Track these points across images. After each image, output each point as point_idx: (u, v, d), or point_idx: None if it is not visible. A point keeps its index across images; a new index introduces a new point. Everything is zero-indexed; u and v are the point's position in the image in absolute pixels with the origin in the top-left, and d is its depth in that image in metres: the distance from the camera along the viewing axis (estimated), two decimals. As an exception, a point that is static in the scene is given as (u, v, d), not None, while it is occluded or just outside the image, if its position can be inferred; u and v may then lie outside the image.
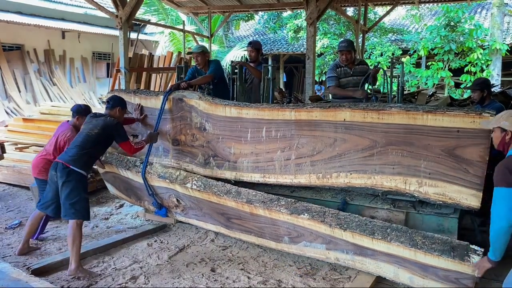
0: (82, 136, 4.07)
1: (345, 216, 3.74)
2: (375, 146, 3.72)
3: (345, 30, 15.43)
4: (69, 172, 3.87)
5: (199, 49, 5.37)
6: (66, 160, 3.91)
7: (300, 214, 3.85)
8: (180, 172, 4.66)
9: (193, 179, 4.52)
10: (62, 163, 3.90)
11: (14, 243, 4.47)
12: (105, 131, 4.10)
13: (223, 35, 18.61)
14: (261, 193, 4.14)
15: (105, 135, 4.12)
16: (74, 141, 4.10)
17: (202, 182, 4.45)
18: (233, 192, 4.24)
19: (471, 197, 3.43)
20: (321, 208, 3.85)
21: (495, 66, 13.36)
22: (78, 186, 3.90)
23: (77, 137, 4.13)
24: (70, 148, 4.06)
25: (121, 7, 7.01)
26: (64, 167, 3.88)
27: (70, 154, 3.96)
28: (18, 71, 12.41)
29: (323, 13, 7.31)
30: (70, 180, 3.87)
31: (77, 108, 4.85)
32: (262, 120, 4.17)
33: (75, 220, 3.83)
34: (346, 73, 5.14)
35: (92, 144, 4.04)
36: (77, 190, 3.88)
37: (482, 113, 3.38)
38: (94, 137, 4.04)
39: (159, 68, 10.03)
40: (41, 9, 13.27)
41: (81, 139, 4.04)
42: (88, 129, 4.09)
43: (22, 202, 5.96)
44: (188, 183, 4.50)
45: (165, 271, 3.91)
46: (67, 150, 4.09)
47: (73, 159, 3.92)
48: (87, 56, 15.06)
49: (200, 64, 5.38)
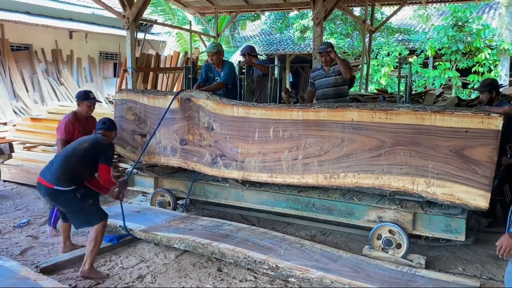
0: (69, 149, 3.74)
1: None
2: (383, 146, 3.71)
3: (352, 30, 15.39)
4: (56, 193, 3.57)
5: (215, 48, 5.38)
6: (49, 180, 3.57)
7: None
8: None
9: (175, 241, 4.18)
10: (45, 185, 3.57)
11: (22, 242, 4.50)
12: (94, 148, 3.72)
13: (230, 35, 18.61)
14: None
15: (93, 153, 3.70)
16: (59, 154, 3.81)
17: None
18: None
19: (479, 198, 3.42)
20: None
21: (503, 66, 13.26)
22: (75, 201, 3.62)
23: (64, 149, 3.84)
24: (53, 161, 3.70)
25: (128, 7, 7.02)
26: (50, 190, 3.57)
27: (52, 172, 3.60)
28: (26, 71, 12.49)
29: (330, 13, 7.29)
30: (65, 201, 3.62)
31: (77, 94, 4.66)
32: (270, 120, 4.17)
33: (96, 225, 3.67)
34: (320, 75, 5.35)
35: (76, 159, 3.64)
36: (78, 205, 3.64)
37: (490, 113, 3.37)
38: (81, 152, 3.67)
39: (166, 68, 10.05)
40: (49, 9, 13.34)
41: (67, 152, 3.70)
42: (77, 143, 3.77)
43: (30, 201, 6.00)
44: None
45: (172, 270, 3.92)
46: (49, 165, 3.71)
47: (56, 177, 3.56)
48: (94, 56, 15.13)
49: (215, 63, 5.41)
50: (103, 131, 3.94)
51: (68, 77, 13.62)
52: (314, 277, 3.39)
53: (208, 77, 5.50)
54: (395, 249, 3.97)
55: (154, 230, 4.37)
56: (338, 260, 3.74)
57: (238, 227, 4.51)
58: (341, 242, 4.58)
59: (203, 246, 3.99)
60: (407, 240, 3.91)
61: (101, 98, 14.45)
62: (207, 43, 12.12)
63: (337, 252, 3.91)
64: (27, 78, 12.42)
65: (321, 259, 3.73)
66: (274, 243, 4.06)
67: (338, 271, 3.49)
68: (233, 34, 19.50)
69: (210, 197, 5.04)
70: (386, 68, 14.35)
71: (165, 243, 4.24)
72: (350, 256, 3.84)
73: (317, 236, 4.74)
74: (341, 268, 3.56)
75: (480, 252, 4.33)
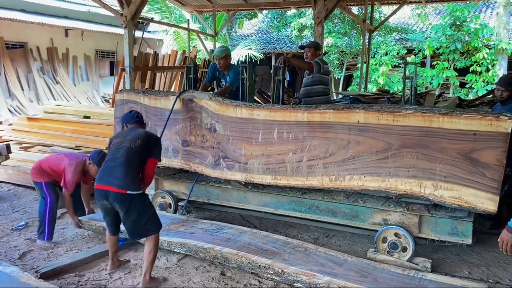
0: (122, 150, 3.49)
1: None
2: (389, 148, 3.67)
3: (350, 29, 15.36)
4: (130, 198, 3.41)
5: (223, 53, 5.34)
6: (119, 186, 3.39)
7: None
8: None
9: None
10: (115, 191, 3.40)
11: (21, 245, 4.41)
12: (149, 142, 3.55)
13: (227, 33, 18.54)
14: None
15: (147, 148, 3.54)
16: (114, 157, 3.53)
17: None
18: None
19: (487, 201, 3.39)
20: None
21: (501, 66, 13.28)
22: (144, 206, 3.50)
23: (114, 152, 3.56)
24: (110, 166, 3.51)
25: (126, 5, 6.95)
26: (122, 196, 3.40)
27: (119, 176, 3.41)
28: (21, 69, 12.35)
29: (331, 12, 7.25)
30: (134, 205, 3.44)
31: (92, 154, 4.43)
32: (274, 121, 4.12)
33: (154, 235, 3.53)
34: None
35: (138, 159, 3.49)
36: (144, 212, 3.48)
37: (499, 116, 3.33)
38: (138, 149, 3.48)
39: (165, 67, 9.98)
40: (45, 7, 13.21)
41: (123, 153, 3.47)
42: (127, 142, 3.51)
43: (27, 202, 5.91)
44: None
45: (175, 275, 3.85)
46: (107, 171, 3.52)
47: (127, 181, 3.40)
48: (90, 54, 15.00)
49: (222, 66, 5.40)
50: (138, 124, 3.76)
51: (64, 76, 13.49)
52: (321, 282, 3.33)
53: (214, 77, 5.51)
54: (401, 252, 3.92)
55: None
56: (344, 264, 3.69)
57: (239, 230, 4.44)
58: (345, 245, 4.54)
59: (205, 251, 3.92)
60: (413, 243, 3.86)
61: (97, 97, 14.35)
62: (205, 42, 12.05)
63: (342, 256, 3.86)
64: (23, 76, 12.28)
65: (326, 264, 3.67)
66: (277, 247, 3.99)
67: (344, 275, 3.43)
68: (230, 32, 19.42)
69: (212, 199, 4.97)
70: (384, 67, 14.34)
71: (166, 247, 4.15)
72: (355, 260, 3.79)
73: (320, 239, 4.69)
74: (348, 272, 3.51)
75: (484, 254, 4.30)
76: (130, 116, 3.82)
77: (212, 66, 5.57)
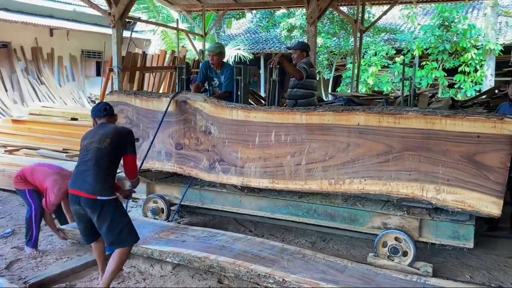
0: (91, 152, 3.25)
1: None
2: (391, 151, 3.59)
3: (339, 30, 15.34)
4: (100, 204, 3.20)
5: (217, 49, 5.21)
6: (89, 191, 3.20)
7: None
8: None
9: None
10: (86, 197, 3.20)
11: (7, 254, 4.22)
12: (119, 139, 3.31)
13: (215, 33, 18.37)
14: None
15: (119, 145, 3.31)
16: (83, 161, 3.31)
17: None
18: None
19: (491, 205, 3.33)
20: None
21: (489, 66, 13.41)
22: (115, 214, 3.26)
23: (83, 155, 3.33)
24: (81, 170, 3.29)
25: (114, 4, 6.80)
26: (91, 202, 3.19)
27: (90, 181, 3.21)
28: (4, 69, 12.06)
29: (324, 12, 7.18)
30: (105, 212, 3.22)
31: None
32: (271, 124, 4.00)
33: (125, 248, 3.32)
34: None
35: (108, 159, 3.26)
36: (116, 220, 3.26)
37: (503, 117, 3.27)
38: (108, 149, 3.24)
39: (154, 68, 9.81)
40: (29, 5, 12.90)
41: (92, 156, 3.24)
42: (95, 142, 3.26)
43: (13, 208, 5.69)
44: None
45: (170, 283, 3.71)
46: (78, 174, 3.30)
47: (98, 186, 3.20)
48: (76, 55, 14.72)
49: (215, 64, 5.26)
50: (107, 118, 3.47)
51: (49, 76, 13.20)
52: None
53: (207, 76, 5.36)
54: (401, 257, 3.84)
55: (143, 243, 4.01)
56: (345, 270, 3.59)
57: (233, 237, 4.29)
58: (343, 249, 4.45)
59: (200, 260, 3.75)
60: (413, 248, 3.79)
61: (84, 98, 14.07)
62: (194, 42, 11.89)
63: (342, 262, 3.76)
64: (6, 77, 11.99)
65: (327, 270, 3.57)
66: (274, 254, 3.87)
67: (347, 283, 3.34)
68: (218, 32, 19.26)
69: (206, 203, 4.83)
70: (373, 68, 14.35)
71: (157, 257, 3.95)
72: (356, 266, 3.70)
73: (317, 243, 4.59)
74: (350, 279, 3.42)
75: (483, 257, 4.25)
76: (97, 109, 3.52)
77: (204, 65, 5.43)
